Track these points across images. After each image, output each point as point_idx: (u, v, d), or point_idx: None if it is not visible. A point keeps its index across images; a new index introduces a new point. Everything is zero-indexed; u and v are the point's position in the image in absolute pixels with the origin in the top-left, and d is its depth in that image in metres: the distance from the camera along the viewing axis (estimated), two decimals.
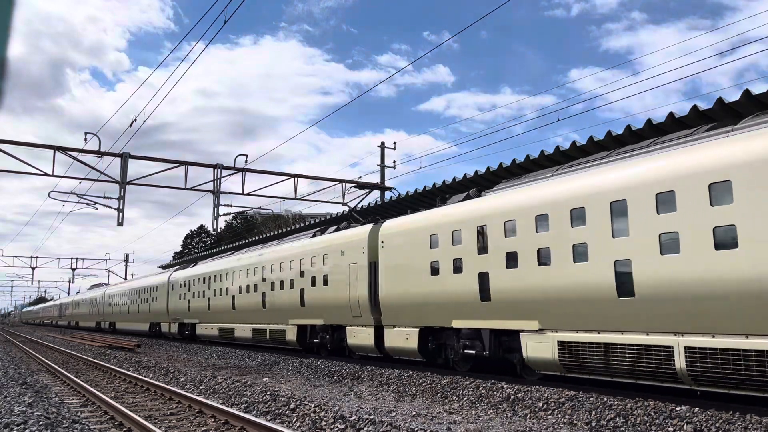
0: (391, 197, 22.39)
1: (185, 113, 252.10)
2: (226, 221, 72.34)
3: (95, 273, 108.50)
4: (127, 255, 77.44)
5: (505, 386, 11.44)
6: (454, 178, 19.09)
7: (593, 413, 9.06)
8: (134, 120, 21.39)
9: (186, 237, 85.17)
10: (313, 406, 10.10)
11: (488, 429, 8.58)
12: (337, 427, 8.58)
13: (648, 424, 8.29)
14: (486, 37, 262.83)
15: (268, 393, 11.89)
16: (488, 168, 17.71)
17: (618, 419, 8.64)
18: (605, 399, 9.65)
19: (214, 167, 23.40)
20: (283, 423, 9.13)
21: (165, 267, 50.49)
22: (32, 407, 10.56)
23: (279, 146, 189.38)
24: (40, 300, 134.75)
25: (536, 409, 9.80)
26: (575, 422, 8.87)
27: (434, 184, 20.01)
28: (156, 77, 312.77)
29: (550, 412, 9.53)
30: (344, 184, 25.53)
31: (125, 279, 68.66)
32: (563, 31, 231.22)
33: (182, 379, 15.38)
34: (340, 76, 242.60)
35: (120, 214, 22.12)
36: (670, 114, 12.79)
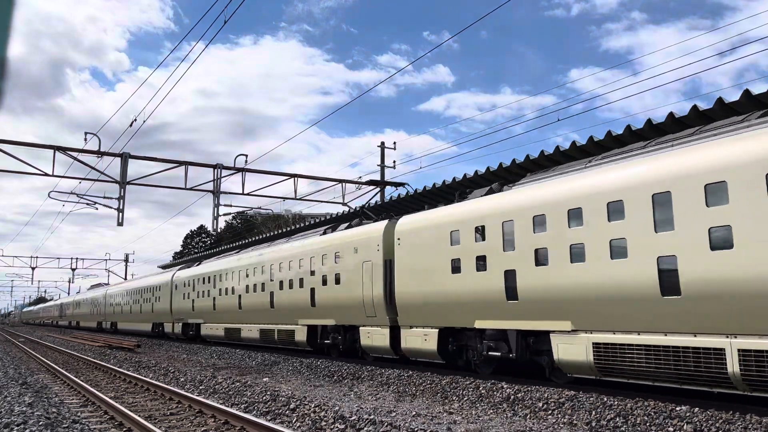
0: (407, 192, 21.28)
1: (185, 113, 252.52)
2: (226, 221, 72.44)
3: (95, 273, 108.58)
4: (127, 255, 77.70)
5: (505, 386, 11.43)
6: (476, 172, 18.13)
7: (593, 413, 9.06)
8: (134, 120, 21.40)
9: (186, 237, 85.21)
10: (313, 406, 10.11)
11: (488, 429, 8.58)
12: (337, 427, 8.58)
13: (648, 424, 8.29)
14: (486, 37, 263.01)
15: (268, 393, 11.90)
16: (488, 168, 17.69)
17: (618, 419, 8.64)
18: (605, 399, 9.65)
19: (214, 167, 23.39)
20: (283, 423, 9.13)
21: (165, 267, 50.41)
22: (32, 407, 10.56)
23: (279, 146, 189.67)
24: (40, 300, 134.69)
25: (536, 409, 9.80)
26: (575, 422, 8.87)
27: (454, 178, 19.02)
28: (156, 77, 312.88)
29: (550, 412, 9.53)
30: (344, 184, 25.55)
31: (125, 279, 68.64)
32: (563, 31, 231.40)
33: (182, 379, 15.39)
34: (340, 76, 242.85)
35: (120, 214, 22.11)
36: (670, 114, 12.80)
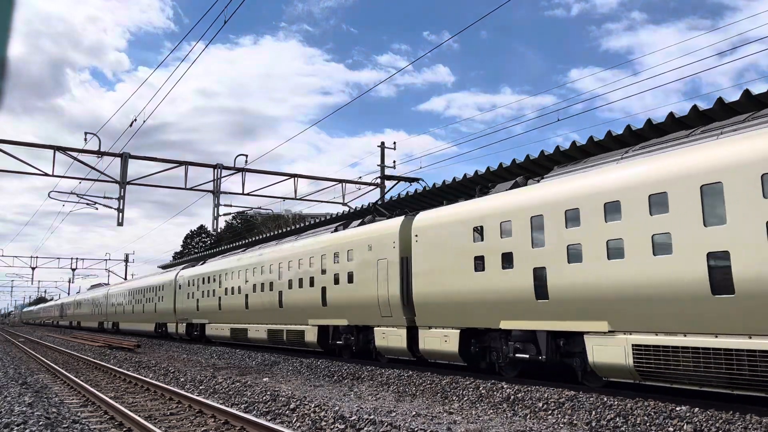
0: (425, 187, 20.90)
1: (185, 113, 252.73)
2: (226, 221, 72.46)
3: (95, 273, 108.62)
4: (127, 255, 77.76)
5: (505, 386, 11.43)
6: (501, 164, 17.30)
7: (593, 413, 9.06)
8: (134, 120, 21.44)
9: (186, 237, 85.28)
10: (313, 406, 10.11)
11: (488, 429, 8.58)
12: (337, 427, 8.58)
13: (648, 424, 8.29)
14: (486, 37, 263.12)
15: (268, 393, 11.90)
16: (488, 168, 17.68)
17: (618, 419, 8.64)
18: (605, 399, 9.65)
19: (214, 167, 23.43)
20: (283, 423, 9.13)
21: (165, 267, 50.38)
22: (32, 407, 10.56)
23: (279, 146, 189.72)
24: (40, 300, 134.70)
25: (536, 409, 9.80)
26: (575, 422, 8.87)
27: (476, 171, 18.13)
28: (156, 77, 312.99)
29: (550, 412, 9.53)
30: (344, 184, 25.56)
31: (125, 279, 68.62)
32: (563, 31, 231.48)
33: (182, 379, 15.39)
34: (340, 76, 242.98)
35: (120, 214, 22.15)
36: (670, 114, 12.81)
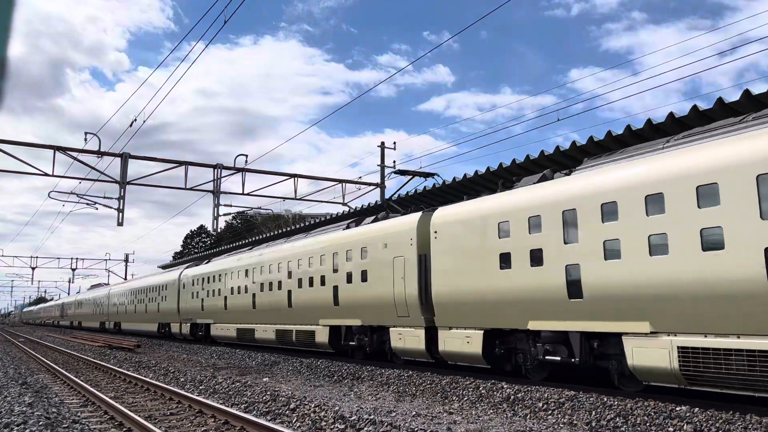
0: (444, 182, 20.36)
1: (185, 113, 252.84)
2: (226, 221, 72.49)
3: (95, 273, 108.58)
4: (127, 255, 77.76)
5: (505, 386, 11.43)
6: (528, 156, 16.50)
7: (593, 413, 9.06)
8: (134, 120, 21.44)
9: (186, 237, 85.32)
10: (313, 406, 10.11)
11: (488, 429, 8.58)
12: (337, 427, 8.58)
13: (648, 424, 8.29)
14: (486, 37, 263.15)
15: (268, 393, 11.90)
16: (488, 168, 17.69)
17: (618, 419, 8.64)
18: (605, 399, 9.65)
19: (214, 167, 23.43)
20: (283, 423, 9.13)
21: (165, 267, 50.36)
22: (32, 407, 10.56)
23: (279, 146, 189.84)
24: (40, 300, 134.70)
25: (536, 409, 9.80)
26: (575, 422, 8.87)
27: (501, 164, 17.55)
28: (156, 77, 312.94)
29: (550, 412, 9.53)
30: (344, 184, 25.56)
31: (125, 279, 68.61)
32: (563, 31, 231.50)
33: (182, 379, 15.39)
34: (340, 76, 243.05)
35: (120, 214, 22.15)
36: (670, 114, 12.81)
